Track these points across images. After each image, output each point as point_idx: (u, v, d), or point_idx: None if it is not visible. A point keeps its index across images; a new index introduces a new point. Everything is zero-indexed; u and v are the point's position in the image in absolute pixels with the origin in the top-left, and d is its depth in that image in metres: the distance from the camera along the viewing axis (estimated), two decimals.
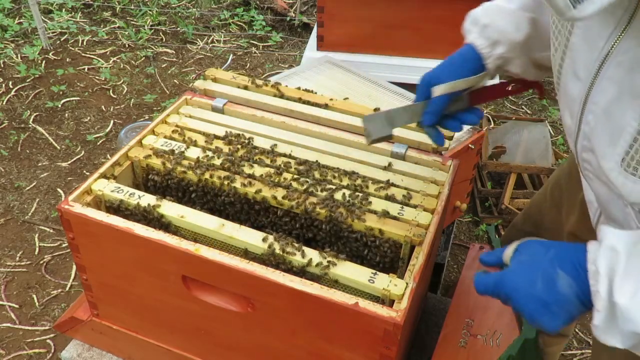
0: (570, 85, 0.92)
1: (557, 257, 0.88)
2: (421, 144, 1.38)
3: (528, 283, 0.88)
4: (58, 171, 3.15)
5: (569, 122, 0.97)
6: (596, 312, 0.82)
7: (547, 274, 0.87)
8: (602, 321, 0.82)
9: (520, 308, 0.90)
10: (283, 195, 1.23)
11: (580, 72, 0.89)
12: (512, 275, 0.92)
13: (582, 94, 0.89)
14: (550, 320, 0.88)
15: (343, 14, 2.39)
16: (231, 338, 1.23)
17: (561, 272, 0.86)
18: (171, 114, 1.47)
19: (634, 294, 0.78)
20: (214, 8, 4.63)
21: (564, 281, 0.85)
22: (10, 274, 2.58)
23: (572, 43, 0.89)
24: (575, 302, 0.86)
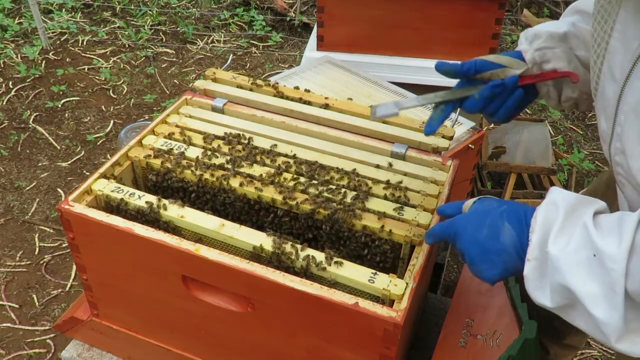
0: (607, 88, 0.94)
1: (508, 212, 0.93)
2: (421, 144, 1.38)
3: (475, 228, 0.95)
4: (58, 171, 3.15)
5: (604, 126, 0.98)
6: (527, 261, 0.87)
7: (495, 224, 0.92)
8: (531, 271, 0.87)
9: (463, 250, 0.97)
10: (283, 195, 1.23)
11: (616, 74, 0.90)
12: (463, 220, 0.99)
13: (616, 95, 0.91)
14: (488, 269, 0.94)
15: (343, 14, 2.39)
16: (231, 338, 1.23)
17: (507, 225, 0.91)
18: (171, 114, 1.47)
19: (565, 247, 0.82)
20: (214, 8, 4.63)
21: (507, 233, 0.90)
22: (10, 274, 2.58)
23: (611, 46, 0.91)
24: (513, 254, 0.90)
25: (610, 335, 0.81)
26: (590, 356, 2.35)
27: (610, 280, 0.78)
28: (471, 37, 2.40)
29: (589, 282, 0.80)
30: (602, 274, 0.79)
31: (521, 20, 4.42)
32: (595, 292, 0.80)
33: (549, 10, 4.52)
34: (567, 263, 0.82)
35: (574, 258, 0.81)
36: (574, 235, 0.83)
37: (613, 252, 0.78)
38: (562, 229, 0.84)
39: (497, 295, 1.36)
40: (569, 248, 0.82)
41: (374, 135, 1.41)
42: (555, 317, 1.57)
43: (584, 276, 0.80)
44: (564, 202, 0.86)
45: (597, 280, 0.80)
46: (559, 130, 3.57)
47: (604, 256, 0.78)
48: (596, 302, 0.80)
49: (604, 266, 0.79)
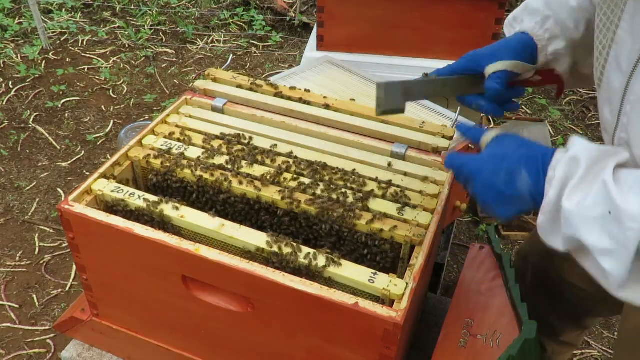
0: (613, 78, 0.93)
1: (526, 157, 0.92)
2: (421, 144, 1.38)
3: (492, 173, 0.95)
4: (58, 171, 3.15)
5: (608, 117, 0.97)
6: (541, 212, 0.88)
7: (512, 169, 0.92)
8: (545, 222, 0.88)
9: (478, 193, 0.98)
10: (283, 195, 1.23)
11: (623, 64, 0.90)
12: (481, 162, 0.98)
13: (623, 85, 0.91)
14: (502, 210, 0.95)
15: (343, 14, 2.39)
16: (231, 338, 1.23)
17: (524, 172, 0.91)
18: (171, 114, 1.47)
19: (580, 203, 0.82)
20: (214, 8, 4.63)
21: (524, 180, 0.91)
22: (10, 274, 2.58)
23: (618, 36, 0.91)
24: (528, 200, 0.92)
25: (613, 285, 0.82)
26: (590, 356, 2.35)
27: (625, 239, 0.78)
28: (471, 37, 2.40)
29: (601, 238, 0.80)
30: (617, 231, 0.78)
31: None
32: (606, 247, 0.80)
33: None
34: (581, 219, 0.82)
35: (589, 214, 0.81)
36: (592, 191, 0.82)
37: (631, 211, 0.77)
38: (580, 184, 0.83)
39: (497, 295, 1.36)
40: (584, 204, 0.82)
41: (374, 135, 1.41)
42: (552, 315, 1.58)
43: (597, 232, 0.80)
44: (586, 158, 0.85)
45: (610, 237, 0.79)
46: (559, 130, 3.57)
47: (622, 214, 0.77)
48: (606, 255, 0.80)
49: (621, 224, 0.78)
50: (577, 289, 1.47)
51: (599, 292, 1.44)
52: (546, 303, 1.54)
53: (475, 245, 1.54)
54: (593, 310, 1.56)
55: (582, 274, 1.46)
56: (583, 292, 1.47)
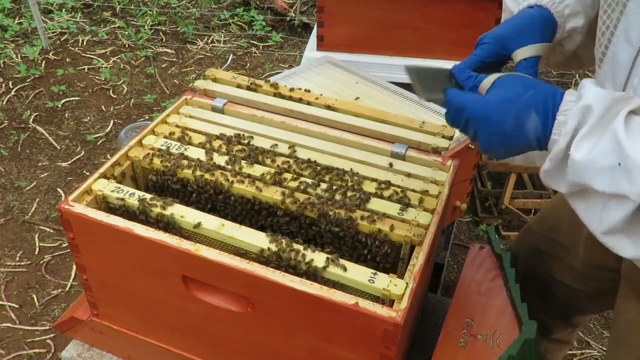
0: (620, 52, 0.92)
1: (534, 99, 0.88)
2: (421, 144, 1.38)
3: (500, 118, 0.89)
4: (58, 171, 3.15)
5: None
6: (549, 159, 0.86)
7: (521, 114, 0.88)
8: (551, 168, 0.87)
9: (482, 139, 0.93)
10: (283, 195, 1.23)
11: (632, 37, 0.89)
12: (486, 107, 0.91)
13: (631, 58, 0.90)
14: (504, 152, 0.92)
15: (343, 14, 2.39)
16: (231, 338, 1.23)
17: (534, 114, 0.87)
18: (171, 114, 1.47)
19: (589, 152, 0.80)
20: (214, 8, 4.63)
21: (532, 123, 0.87)
22: (10, 274, 2.58)
23: (629, 8, 0.90)
24: (534, 143, 0.89)
25: (603, 228, 0.83)
26: (590, 356, 2.36)
27: (632, 189, 0.77)
28: (471, 37, 2.37)
29: (609, 187, 0.79)
30: (625, 183, 0.77)
31: None
32: (614, 193, 0.79)
33: None
34: (590, 169, 0.80)
35: (598, 165, 0.79)
36: (602, 141, 0.80)
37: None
38: (590, 133, 0.81)
39: (497, 295, 1.37)
40: (593, 154, 0.80)
41: (374, 135, 1.41)
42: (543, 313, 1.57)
43: (606, 181, 0.79)
44: (599, 106, 0.81)
45: (617, 187, 0.78)
46: None
47: (631, 165, 0.76)
48: (609, 201, 0.81)
49: (629, 175, 0.77)
50: (566, 287, 1.48)
51: (591, 291, 1.44)
52: (537, 302, 1.54)
53: (475, 245, 1.54)
54: (583, 308, 1.56)
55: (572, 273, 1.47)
56: (573, 291, 1.47)
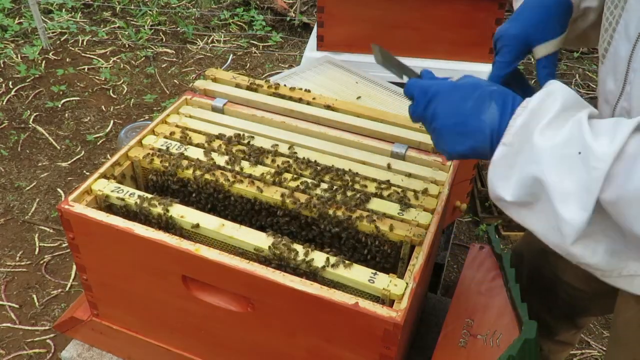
0: (620, 47, 0.93)
1: (498, 93, 0.86)
2: (421, 144, 1.38)
3: (461, 98, 0.88)
4: (58, 171, 3.15)
5: (612, 87, 0.96)
6: (500, 145, 0.82)
7: (482, 99, 0.86)
8: (500, 157, 0.82)
9: (439, 114, 0.90)
10: (283, 195, 1.23)
11: (631, 32, 0.90)
12: (451, 86, 0.91)
13: (628, 53, 0.90)
14: (456, 143, 0.88)
15: (343, 14, 2.39)
16: (231, 338, 1.23)
17: (493, 104, 0.85)
18: (171, 114, 1.47)
19: (552, 139, 0.77)
20: (214, 8, 4.63)
21: (490, 112, 0.84)
22: (10, 274, 2.58)
23: (629, 4, 0.90)
24: (487, 136, 0.84)
25: (569, 236, 0.77)
26: (590, 356, 2.35)
27: (589, 180, 0.74)
28: (471, 37, 2.40)
29: (566, 179, 0.76)
30: (583, 172, 0.75)
31: None
32: (569, 191, 0.76)
33: None
34: (551, 156, 0.77)
35: (559, 152, 0.77)
36: (565, 129, 0.78)
37: (600, 151, 0.74)
38: (554, 121, 0.79)
39: (497, 295, 1.36)
40: (555, 140, 0.77)
41: (374, 135, 1.41)
42: (547, 314, 1.58)
43: (563, 172, 0.76)
44: (563, 96, 0.80)
45: (575, 179, 0.75)
46: None
47: (590, 154, 0.74)
48: (567, 200, 0.76)
49: (587, 164, 0.74)
50: (571, 287, 1.48)
51: (592, 291, 1.45)
52: (541, 302, 1.54)
53: (475, 245, 1.54)
54: (587, 309, 1.56)
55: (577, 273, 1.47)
56: (577, 291, 1.47)
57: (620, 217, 0.75)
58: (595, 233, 0.78)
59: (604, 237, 0.79)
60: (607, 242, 0.79)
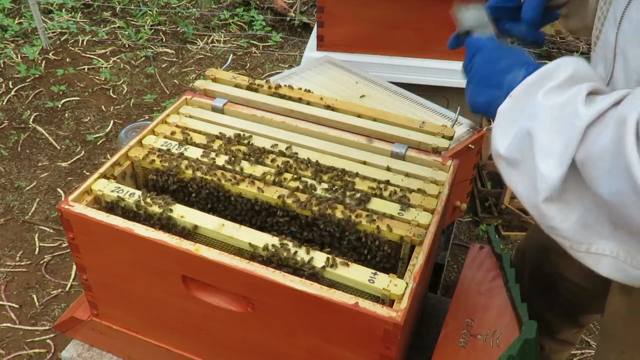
0: (608, 33, 0.94)
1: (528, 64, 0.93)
2: (421, 144, 1.38)
3: (497, 58, 0.97)
4: (58, 171, 3.15)
5: (601, 72, 0.98)
6: (509, 96, 0.88)
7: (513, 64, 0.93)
8: (507, 108, 0.88)
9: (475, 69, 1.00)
10: (283, 195, 1.23)
11: (617, 17, 0.91)
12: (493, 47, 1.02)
13: (614, 38, 0.92)
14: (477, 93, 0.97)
15: (343, 14, 2.39)
16: (231, 338, 1.23)
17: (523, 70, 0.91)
18: (171, 114, 1.47)
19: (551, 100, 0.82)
20: (214, 8, 4.63)
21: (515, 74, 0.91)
22: (10, 274, 2.58)
23: None
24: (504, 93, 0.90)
25: (542, 191, 0.81)
26: (590, 356, 2.35)
27: (569, 137, 0.79)
28: None
29: (553, 138, 0.80)
30: (566, 131, 0.79)
31: None
32: (552, 147, 0.80)
33: None
34: (545, 114, 0.82)
35: (554, 113, 0.82)
36: (565, 94, 0.83)
37: (582, 112, 0.79)
38: (560, 86, 0.84)
39: (497, 295, 1.37)
40: (554, 102, 0.82)
41: (374, 135, 1.41)
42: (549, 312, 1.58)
43: (552, 131, 0.81)
44: (575, 67, 0.86)
45: (559, 137, 0.80)
46: None
47: (575, 115, 0.79)
48: (548, 155, 0.80)
49: (570, 124, 0.79)
50: (572, 284, 1.48)
51: (593, 288, 1.45)
52: (543, 301, 1.55)
53: (475, 245, 1.54)
54: (588, 307, 1.56)
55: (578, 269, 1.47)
56: (578, 289, 1.47)
57: (587, 178, 0.78)
58: (571, 200, 0.81)
59: (579, 206, 0.81)
60: (580, 212, 0.81)
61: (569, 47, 4.12)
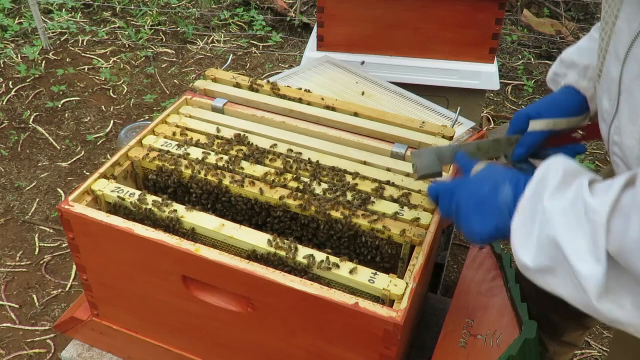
0: (611, 68, 0.95)
1: (512, 175, 0.95)
2: (421, 144, 1.38)
3: (478, 185, 0.98)
4: (58, 171, 3.15)
5: (606, 105, 0.99)
6: (517, 213, 0.89)
7: (497, 182, 0.95)
8: (519, 224, 0.88)
9: (460, 203, 0.99)
10: (283, 195, 1.23)
11: (620, 53, 0.92)
12: (468, 179, 1.02)
13: (619, 73, 0.93)
14: (481, 222, 0.95)
15: (343, 14, 2.39)
16: (231, 338, 1.23)
17: (507, 184, 0.94)
18: (171, 114, 1.47)
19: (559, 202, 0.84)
20: (214, 8, 4.63)
21: (505, 191, 0.93)
22: (10, 274, 2.58)
23: (617, 27, 0.93)
24: (505, 214, 0.92)
25: (592, 291, 0.81)
26: (590, 356, 2.35)
27: (593, 232, 0.80)
28: (471, 37, 2.40)
29: (577, 237, 0.81)
30: (587, 227, 0.80)
31: (521, 20, 4.42)
32: (581, 247, 0.81)
33: (549, 11, 4.52)
34: (559, 216, 0.83)
35: (567, 213, 0.83)
36: (569, 192, 0.84)
37: (596, 205, 0.80)
38: (560, 186, 0.86)
39: (497, 295, 1.36)
40: (563, 203, 0.84)
41: (374, 135, 1.41)
42: (555, 313, 1.57)
43: (573, 231, 0.82)
44: (563, 165, 0.88)
45: (584, 235, 0.81)
46: None
47: (589, 210, 0.80)
48: (581, 256, 0.81)
49: (589, 219, 0.80)
50: None
51: None
52: (549, 301, 1.55)
53: (475, 245, 1.54)
54: None
55: None
56: None
57: (627, 266, 0.79)
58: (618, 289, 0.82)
59: (627, 292, 0.82)
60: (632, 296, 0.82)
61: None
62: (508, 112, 3.69)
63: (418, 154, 1.14)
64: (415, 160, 1.13)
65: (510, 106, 3.75)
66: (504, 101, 3.78)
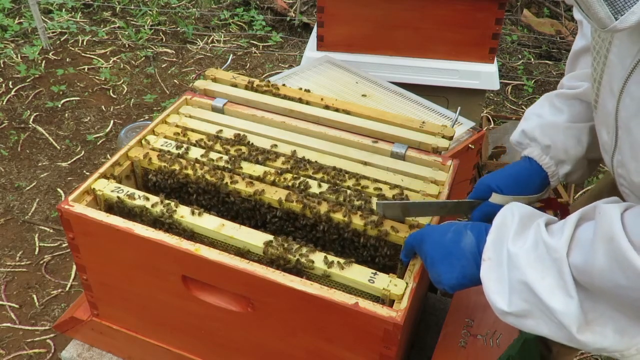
0: (607, 101, 0.95)
1: (472, 224, 1.01)
2: (421, 144, 1.38)
3: (441, 234, 1.02)
4: (58, 171, 3.15)
5: (605, 138, 0.99)
6: (482, 262, 0.92)
7: (458, 230, 1.00)
8: (487, 272, 0.91)
9: (426, 253, 1.02)
10: (283, 195, 1.23)
11: (614, 88, 0.91)
12: (431, 228, 1.07)
13: (614, 108, 0.92)
14: (447, 271, 0.99)
15: (343, 14, 2.39)
16: (231, 338, 1.23)
17: (469, 232, 0.99)
18: (171, 113, 1.47)
19: (523, 245, 0.88)
20: (214, 8, 4.63)
21: (467, 239, 0.98)
22: (10, 274, 2.58)
23: (609, 60, 0.92)
24: (470, 260, 0.96)
25: (571, 326, 0.84)
26: (590, 356, 2.35)
27: (558, 270, 0.83)
28: (471, 37, 2.40)
29: (546, 277, 0.85)
30: (552, 266, 0.84)
31: (521, 20, 4.43)
32: (551, 285, 0.84)
33: (549, 11, 4.52)
34: (525, 259, 0.87)
35: (531, 255, 0.87)
36: (529, 236, 0.89)
37: (554, 244, 0.84)
38: (519, 231, 0.90)
39: None
40: (525, 246, 0.88)
41: (373, 135, 1.41)
42: None
43: (540, 271, 0.85)
44: (519, 210, 0.93)
45: (550, 274, 0.85)
46: None
47: (550, 249, 0.85)
48: (553, 293, 0.84)
49: (552, 258, 0.85)
50: None
51: None
52: None
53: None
54: None
55: None
56: None
57: (604, 294, 0.82)
58: (596, 318, 0.85)
59: (607, 319, 0.85)
60: (612, 323, 0.85)
61: (569, 47, 4.11)
62: (508, 112, 3.69)
63: (383, 206, 1.16)
64: (380, 211, 1.17)
65: (510, 106, 3.75)
66: (504, 101, 3.78)
